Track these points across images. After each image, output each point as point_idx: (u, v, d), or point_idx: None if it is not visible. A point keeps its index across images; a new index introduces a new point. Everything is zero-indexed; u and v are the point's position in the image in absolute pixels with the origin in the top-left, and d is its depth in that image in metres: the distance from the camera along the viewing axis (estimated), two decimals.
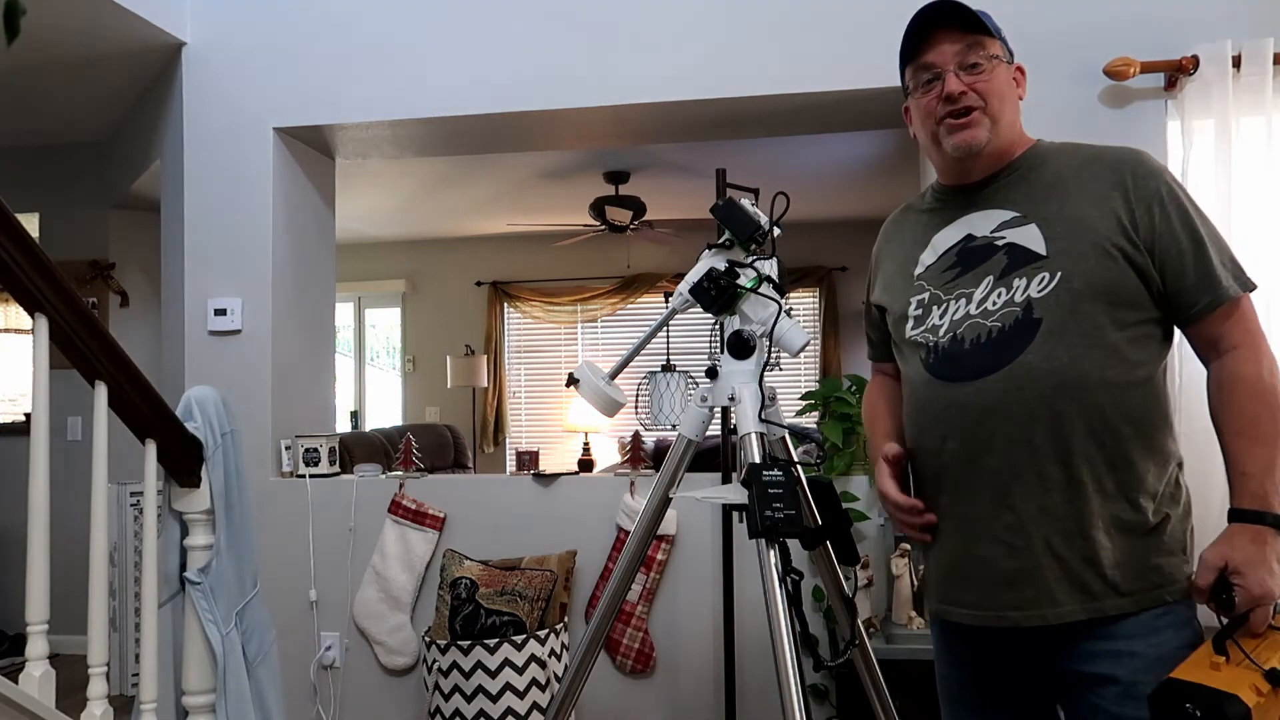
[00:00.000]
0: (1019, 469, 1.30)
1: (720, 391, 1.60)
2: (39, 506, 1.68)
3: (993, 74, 1.37)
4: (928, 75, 1.39)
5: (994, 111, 1.36)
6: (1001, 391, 1.30)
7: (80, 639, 1.97)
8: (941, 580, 1.42)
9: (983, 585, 1.34)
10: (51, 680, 1.68)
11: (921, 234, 1.47)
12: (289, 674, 3.02)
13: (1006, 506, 1.31)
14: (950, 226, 1.43)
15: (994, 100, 1.36)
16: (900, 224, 1.55)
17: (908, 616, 2.50)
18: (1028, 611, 1.31)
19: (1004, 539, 1.31)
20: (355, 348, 7.69)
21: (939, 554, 1.43)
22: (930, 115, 1.40)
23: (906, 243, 1.50)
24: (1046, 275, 1.30)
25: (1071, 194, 1.34)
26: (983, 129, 1.36)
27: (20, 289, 1.67)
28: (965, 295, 1.36)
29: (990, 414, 1.31)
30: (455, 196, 5.96)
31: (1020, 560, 1.30)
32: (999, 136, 1.37)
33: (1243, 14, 2.60)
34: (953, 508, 1.38)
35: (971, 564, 1.35)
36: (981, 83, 1.36)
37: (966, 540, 1.36)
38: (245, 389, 3.10)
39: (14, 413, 5.56)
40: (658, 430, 3.25)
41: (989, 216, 1.39)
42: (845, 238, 6.95)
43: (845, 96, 2.90)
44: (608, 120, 3.12)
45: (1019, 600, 1.31)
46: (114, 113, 4.00)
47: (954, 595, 1.39)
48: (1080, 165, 1.36)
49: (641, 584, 2.86)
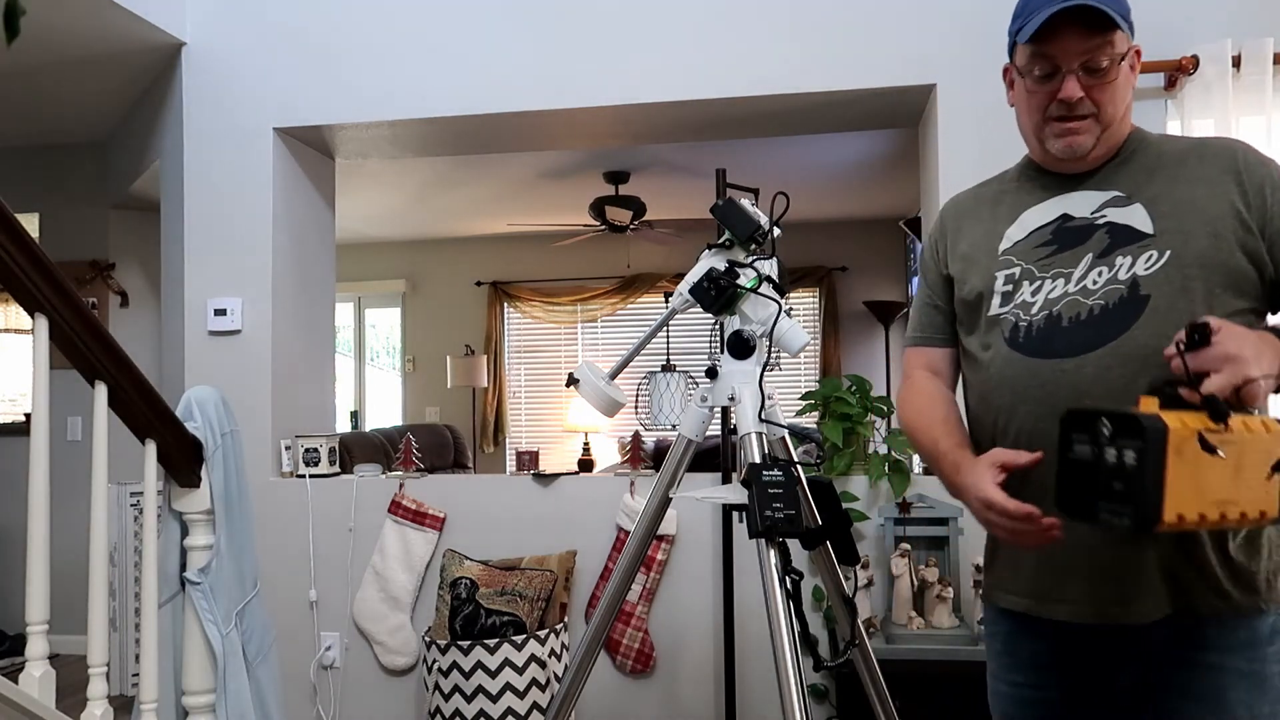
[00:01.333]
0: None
1: (720, 391, 1.60)
2: (39, 506, 1.68)
3: (1115, 78, 1.29)
4: (1046, 68, 1.32)
5: (1107, 118, 1.30)
6: (1105, 368, 1.22)
7: (80, 639, 1.97)
8: (1032, 574, 1.31)
9: (1079, 577, 1.25)
10: (51, 680, 1.68)
11: (1008, 210, 1.40)
12: (289, 674, 3.02)
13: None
14: (1043, 205, 1.36)
15: (1109, 107, 1.30)
16: (979, 198, 1.48)
17: (908, 616, 2.50)
18: (1129, 607, 1.22)
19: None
20: (355, 348, 7.69)
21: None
22: (1039, 110, 1.34)
23: (987, 218, 1.42)
24: (1154, 253, 1.24)
25: (1179, 177, 1.29)
26: (1090, 136, 1.30)
27: (20, 289, 1.67)
28: (1063, 274, 1.29)
29: (1092, 391, 1.22)
30: (455, 196, 5.96)
31: (1121, 551, 1.22)
32: (1106, 140, 1.32)
33: (1243, 14, 2.60)
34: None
35: (1068, 555, 1.25)
36: (1101, 89, 1.29)
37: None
38: (245, 389, 3.10)
39: (14, 413, 5.56)
40: (658, 430, 3.25)
41: (1089, 198, 1.33)
42: (845, 238, 6.95)
43: (845, 96, 2.90)
44: (608, 120, 3.12)
45: (1121, 594, 1.23)
46: (114, 113, 4.00)
47: (1051, 590, 1.29)
48: (1184, 151, 1.32)
49: (641, 584, 2.86)
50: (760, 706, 2.84)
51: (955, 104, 2.77)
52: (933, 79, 2.79)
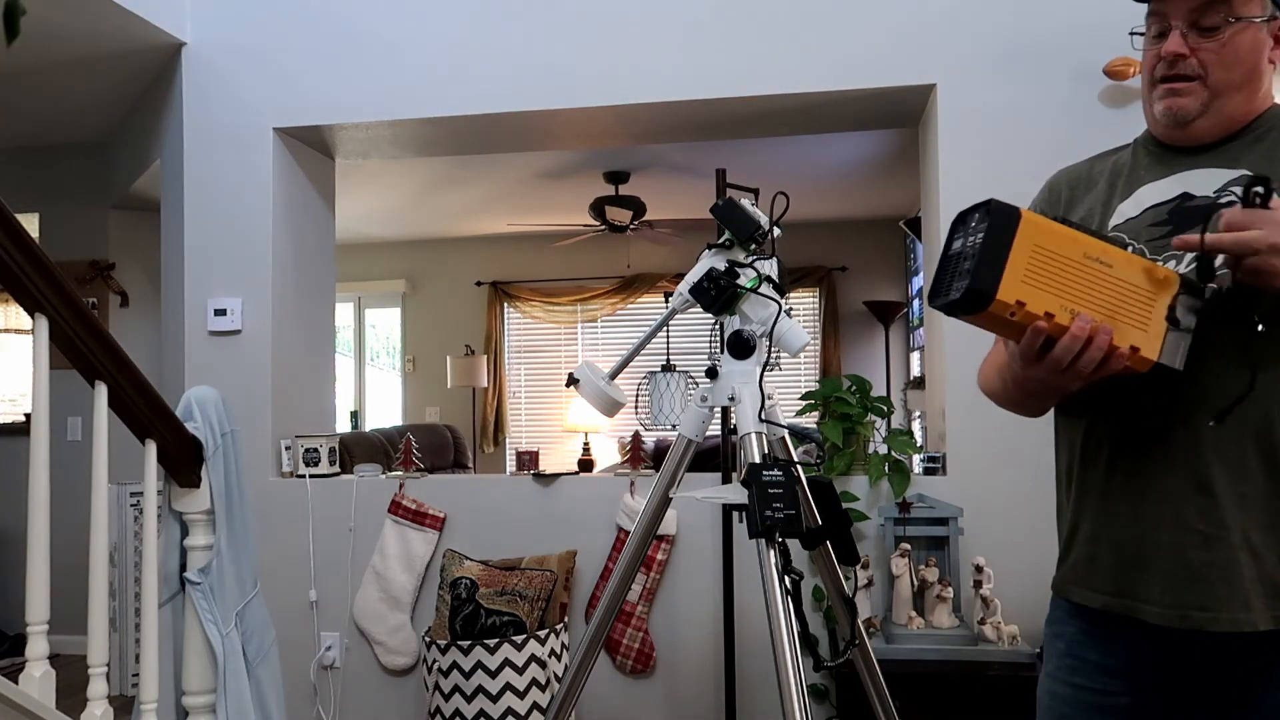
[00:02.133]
0: (1225, 448, 1.14)
1: (720, 391, 1.60)
2: (39, 506, 1.68)
3: (1230, 40, 1.19)
4: (1158, 25, 1.24)
5: (1216, 83, 1.20)
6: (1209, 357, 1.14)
7: (80, 639, 1.97)
8: (1111, 567, 1.23)
9: (1165, 577, 1.17)
10: (51, 680, 1.68)
11: (1125, 185, 1.30)
12: (289, 674, 3.02)
13: (1201, 488, 1.15)
14: (1162, 181, 1.26)
15: (1218, 71, 1.20)
16: (1095, 170, 1.38)
17: (908, 616, 2.50)
18: (1216, 614, 1.14)
19: (1196, 526, 1.15)
20: (355, 348, 7.69)
21: (1105, 539, 1.24)
22: (1149, 70, 1.25)
23: (1103, 191, 1.32)
24: None
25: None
26: (1194, 100, 1.21)
27: (20, 289, 1.67)
28: (1176, 256, 1.19)
29: (1204, 385, 1.15)
30: (455, 196, 5.97)
31: (1213, 552, 1.14)
32: (1219, 110, 1.21)
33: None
34: (1132, 483, 1.20)
35: (1154, 553, 1.18)
36: (1209, 50, 1.19)
37: (1147, 524, 1.18)
38: (245, 389, 3.10)
39: (14, 413, 5.56)
40: (658, 430, 3.25)
41: (1213, 175, 1.22)
42: (845, 238, 6.95)
43: (845, 96, 2.90)
44: (608, 120, 3.12)
45: (1208, 599, 1.14)
46: (114, 113, 4.00)
47: (1133, 587, 1.20)
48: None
49: (641, 584, 2.86)
50: (760, 706, 2.84)
51: (955, 104, 2.78)
52: (933, 79, 2.79)
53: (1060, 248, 1.06)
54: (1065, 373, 1.10)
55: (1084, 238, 1.08)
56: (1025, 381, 1.19)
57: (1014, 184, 2.62)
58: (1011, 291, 1.04)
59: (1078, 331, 1.07)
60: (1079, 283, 1.06)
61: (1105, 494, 1.23)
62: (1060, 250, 1.06)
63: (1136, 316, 1.09)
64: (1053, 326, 1.06)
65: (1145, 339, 1.09)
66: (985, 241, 1.05)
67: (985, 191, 2.71)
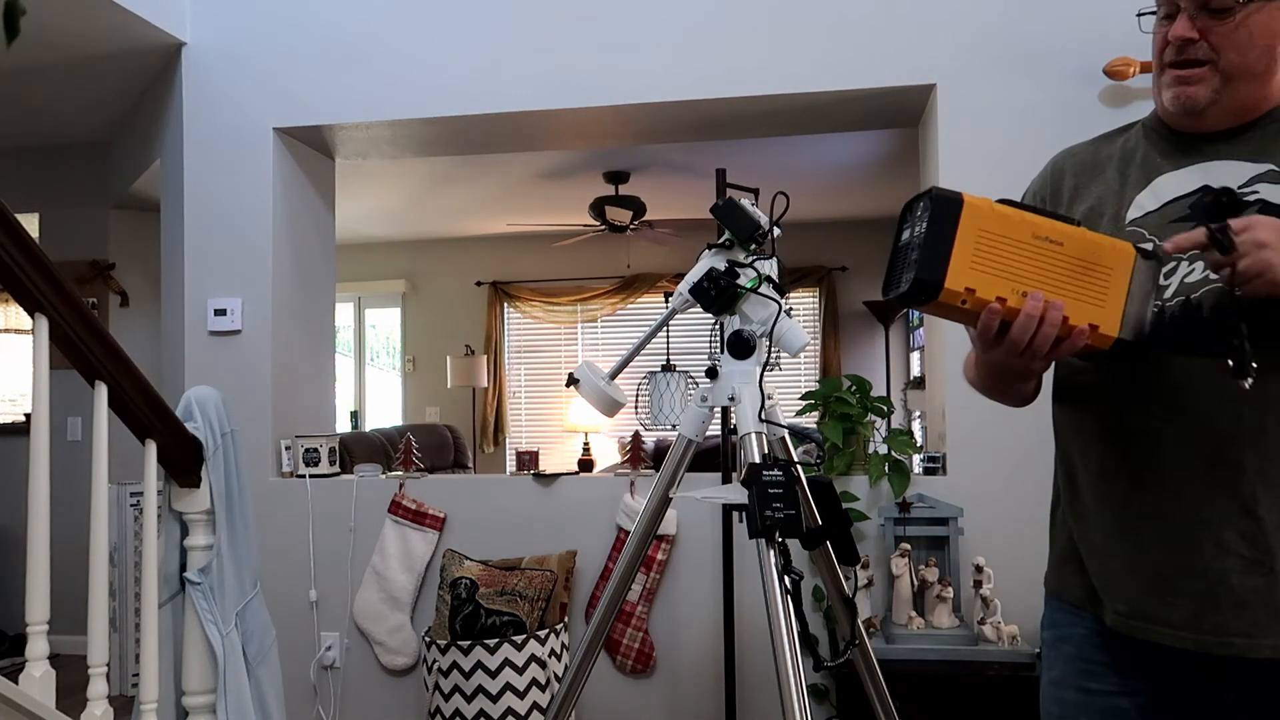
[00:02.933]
0: (1268, 468, 1.08)
1: (720, 391, 1.60)
2: (39, 506, 1.68)
3: (1244, 22, 1.11)
4: (1167, 6, 1.17)
5: (1229, 67, 1.13)
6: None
7: (80, 639, 1.97)
8: (1136, 587, 1.17)
9: (1197, 601, 1.11)
10: (51, 680, 1.68)
11: (1140, 172, 1.22)
12: (289, 674, 3.02)
13: (1246, 511, 1.09)
14: (1180, 171, 1.19)
15: (1231, 54, 1.12)
16: (1103, 154, 1.29)
17: (908, 616, 2.50)
18: (1258, 640, 1.08)
19: (1238, 550, 1.09)
20: (355, 348, 7.69)
21: (1131, 552, 1.17)
22: (1158, 54, 1.19)
23: (1114, 179, 1.24)
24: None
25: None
26: (1205, 88, 1.14)
27: (20, 289, 1.67)
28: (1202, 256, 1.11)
29: (1235, 396, 1.08)
30: (455, 196, 5.97)
31: (1258, 577, 1.09)
32: (1233, 96, 1.15)
33: None
34: (1163, 502, 1.14)
35: (1185, 575, 1.12)
36: (1220, 32, 1.12)
37: (1179, 545, 1.12)
38: (245, 389, 3.10)
39: (14, 413, 5.56)
40: (658, 430, 3.25)
41: (1235, 169, 1.15)
42: (845, 238, 6.95)
43: (845, 96, 2.90)
44: (608, 120, 3.12)
45: (1249, 624, 1.09)
46: (114, 113, 4.00)
47: (1154, 610, 1.15)
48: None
49: (642, 584, 2.86)
50: (760, 706, 2.84)
51: (955, 104, 2.78)
52: (933, 79, 2.79)
53: (1008, 230, 1.05)
54: (1024, 353, 1.07)
55: (1032, 218, 1.06)
56: (991, 366, 1.16)
57: (1014, 184, 2.61)
58: (960, 279, 1.03)
59: (1031, 310, 1.04)
60: (1030, 264, 1.05)
61: (1127, 509, 1.17)
62: (1008, 233, 1.05)
63: (1093, 293, 1.07)
64: (1006, 310, 1.05)
65: (1103, 315, 1.07)
66: (929, 231, 1.03)
67: (986, 191, 2.71)
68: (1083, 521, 1.24)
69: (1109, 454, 1.19)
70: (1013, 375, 1.18)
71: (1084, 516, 1.24)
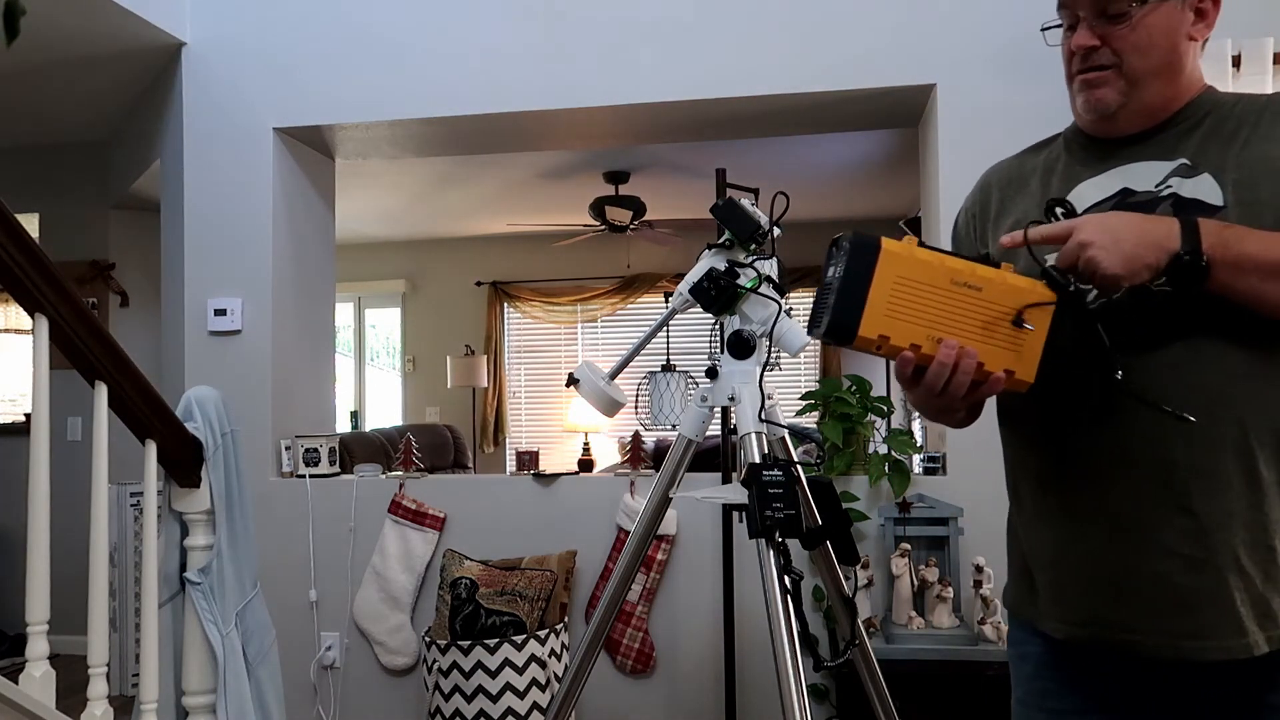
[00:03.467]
0: (1200, 463, 1.06)
1: (720, 391, 1.60)
2: (39, 506, 1.68)
3: (1140, 23, 1.12)
4: (1068, 17, 1.19)
5: (1132, 70, 1.14)
6: (1181, 366, 1.07)
7: (80, 639, 1.97)
8: (1082, 596, 1.15)
9: (1147, 606, 1.10)
10: (51, 680, 1.68)
11: (1061, 183, 1.23)
12: (289, 674, 3.02)
13: (1183, 509, 1.07)
14: (1100, 177, 1.19)
15: (1133, 57, 1.13)
16: (1027, 167, 1.30)
17: (908, 616, 2.50)
18: (1207, 642, 1.07)
19: (1180, 550, 1.07)
20: (355, 348, 7.69)
21: (1074, 562, 1.16)
22: (1067, 63, 1.21)
23: (1037, 190, 1.25)
24: None
25: (1252, 139, 1.12)
26: (1113, 90, 1.15)
27: (20, 289, 1.67)
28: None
29: (1165, 387, 1.07)
30: (455, 196, 5.96)
31: (1201, 577, 1.07)
32: (1140, 98, 1.15)
33: (1243, 14, 2.60)
34: (1103, 506, 1.12)
35: (1132, 579, 1.10)
36: (1120, 35, 1.13)
37: (1125, 548, 1.11)
38: (245, 389, 3.10)
39: (14, 413, 5.56)
40: (658, 430, 3.25)
41: (1152, 169, 1.15)
42: None
43: (845, 96, 2.90)
44: (608, 120, 3.12)
45: (1198, 627, 1.07)
46: (114, 113, 4.00)
47: (1106, 617, 1.13)
48: (1261, 109, 1.15)
49: (642, 584, 2.86)
50: (760, 706, 2.84)
51: (955, 104, 2.77)
52: (933, 79, 2.79)
53: (925, 276, 1.05)
54: (941, 396, 1.08)
55: (953, 263, 1.06)
56: (914, 401, 1.16)
57: None
58: (874, 326, 1.03)
59: (944, 358, 1.05)
60: (947, 310, 1.05)
61: (1072, 517, 1.16)
62: (925, 279, 1.05)
63: (1010, 339, 1.06)
64: (919, 356, 1.06)
65: (1020, 361, 1.07)
66: (845, 276, 1.04)
67: None
68: (1030, 532, 1.24)
69: (1045, 462, 1.19)
70: (936, 411, 1.18)
71: (1030, 526, 1.24)
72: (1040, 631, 1.23)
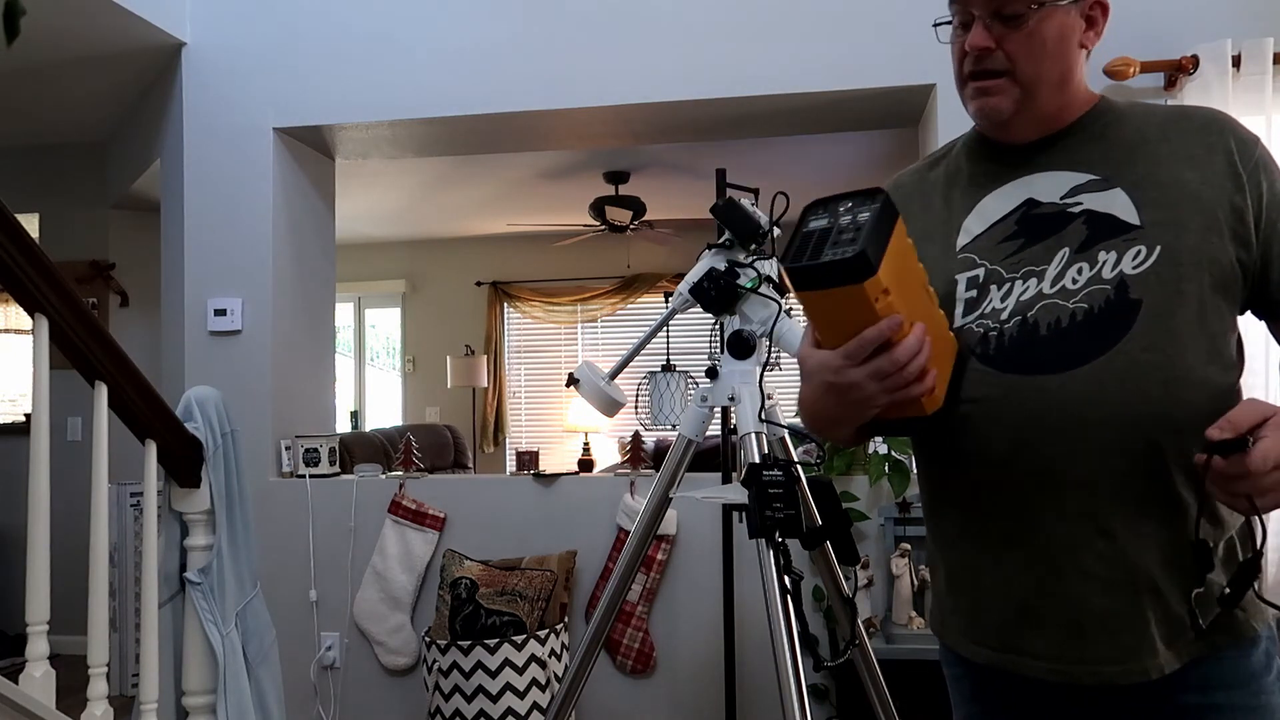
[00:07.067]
0: (1117, 485, 1.04)
1: (720, 391, 1.60)
2: (39, 506, 1.68)
3: (1036, 27, 1.09)
4: (962, 15, 1.15)
5: (1025, 77, 1.10)
6: (1098, 387, 1.04)
7: (80, 639, 1.97)
8: (1000, 624, 1.13)
9: (1063, 630, 1.07)
10: (51, 680, 1.68)
11: (963, 196, 1.19)
12: (289, 674, 3.02)
13: (1100, 531, 1.04)
14: (1004, 188, 1.16)
15: (1027, 64, 1.10)
16: (926, 180, 1.26)
17: (908, 616, 2.50)
18: (1127, 665, 1.04)
19: (1097, 572, 1.05)
20: (355, 348, 7.69)
21: (991, 588, 1.13)
22: (958, 64, 1.17)
23: (939, 205, 1.21)
24: (1143, 249, 1.06)
25: (1163, 156, 1.10)
26: (1007, 98, 1.12)
27: (20, 289, 1.67)
28: (1035, 272, 1.10)
29: (1082, 415, 1.04)
30: (455, 196, 5.97)
31: (1117, 600, 1.04)
32: (1033, 107, 1.12)
33: (1243, 14, 2.60)
34: (1020, 533, 1.08)
35: (1049, 603, 1.07)
36: (1015, 39, 1.10)
37: (1041, 574, 1.07)
38: (245, 389, 3.10)
39: (14, 413, 5.56)
40: (658, 430, 3.25)
41: (1056, 179, 1.13)
42: None
43: (845, 96, 2.90)
44: (608, 120, 3.12)
45: (1115, 650, 1.05)
46: (114, 113, 4.00)
47: (1020, 642, 1.10)
48: (1164, 124, 1.13)
49: (642, 584, 2.86)
50: (760, 706, 2.84)
51: (955, 104, 2.75)
52: (933, 79, 2.79)
53: (912, 264, 1.03)
54: (885, 381, 1.01)
55: (923, 269, 1.05)
56: (830, 390, 1.06)
57: None
58: (886, 276, 0.98)
59: (918, 335, 1.00)
60: (919, 304, 1.03)
61: (987, 537, 1.12)
62: (912, 266, 1.03)
63: (941, 357, 1.05)
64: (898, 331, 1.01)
65: (941, 381, 1.05)
66: (873, 222, 0.98)
67: None
68: (950, 554, 1.19)
69: (964, 483, 1.14)
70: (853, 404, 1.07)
71: (950, 548, 1.19)
72: (963, 656, 1.21)
